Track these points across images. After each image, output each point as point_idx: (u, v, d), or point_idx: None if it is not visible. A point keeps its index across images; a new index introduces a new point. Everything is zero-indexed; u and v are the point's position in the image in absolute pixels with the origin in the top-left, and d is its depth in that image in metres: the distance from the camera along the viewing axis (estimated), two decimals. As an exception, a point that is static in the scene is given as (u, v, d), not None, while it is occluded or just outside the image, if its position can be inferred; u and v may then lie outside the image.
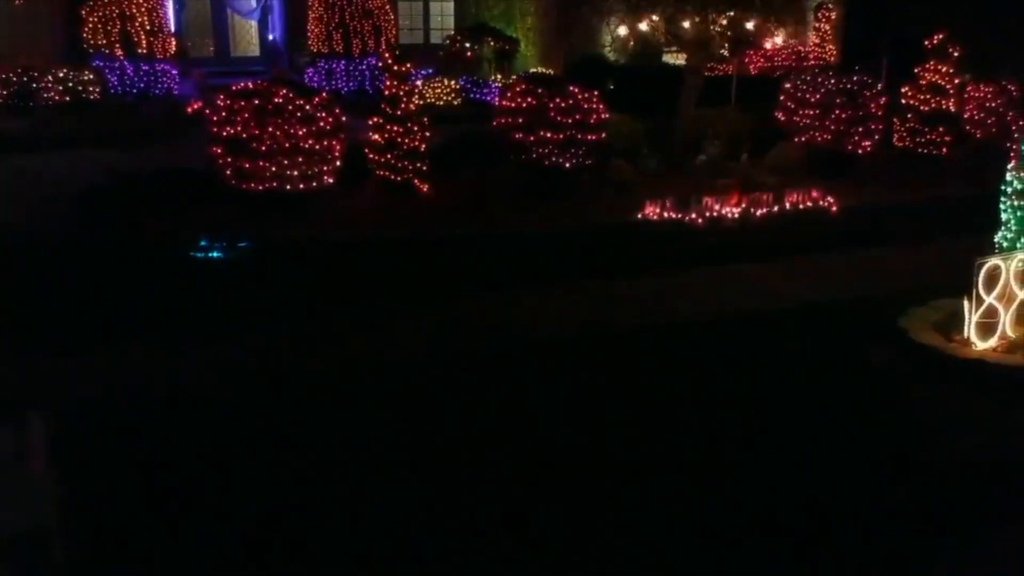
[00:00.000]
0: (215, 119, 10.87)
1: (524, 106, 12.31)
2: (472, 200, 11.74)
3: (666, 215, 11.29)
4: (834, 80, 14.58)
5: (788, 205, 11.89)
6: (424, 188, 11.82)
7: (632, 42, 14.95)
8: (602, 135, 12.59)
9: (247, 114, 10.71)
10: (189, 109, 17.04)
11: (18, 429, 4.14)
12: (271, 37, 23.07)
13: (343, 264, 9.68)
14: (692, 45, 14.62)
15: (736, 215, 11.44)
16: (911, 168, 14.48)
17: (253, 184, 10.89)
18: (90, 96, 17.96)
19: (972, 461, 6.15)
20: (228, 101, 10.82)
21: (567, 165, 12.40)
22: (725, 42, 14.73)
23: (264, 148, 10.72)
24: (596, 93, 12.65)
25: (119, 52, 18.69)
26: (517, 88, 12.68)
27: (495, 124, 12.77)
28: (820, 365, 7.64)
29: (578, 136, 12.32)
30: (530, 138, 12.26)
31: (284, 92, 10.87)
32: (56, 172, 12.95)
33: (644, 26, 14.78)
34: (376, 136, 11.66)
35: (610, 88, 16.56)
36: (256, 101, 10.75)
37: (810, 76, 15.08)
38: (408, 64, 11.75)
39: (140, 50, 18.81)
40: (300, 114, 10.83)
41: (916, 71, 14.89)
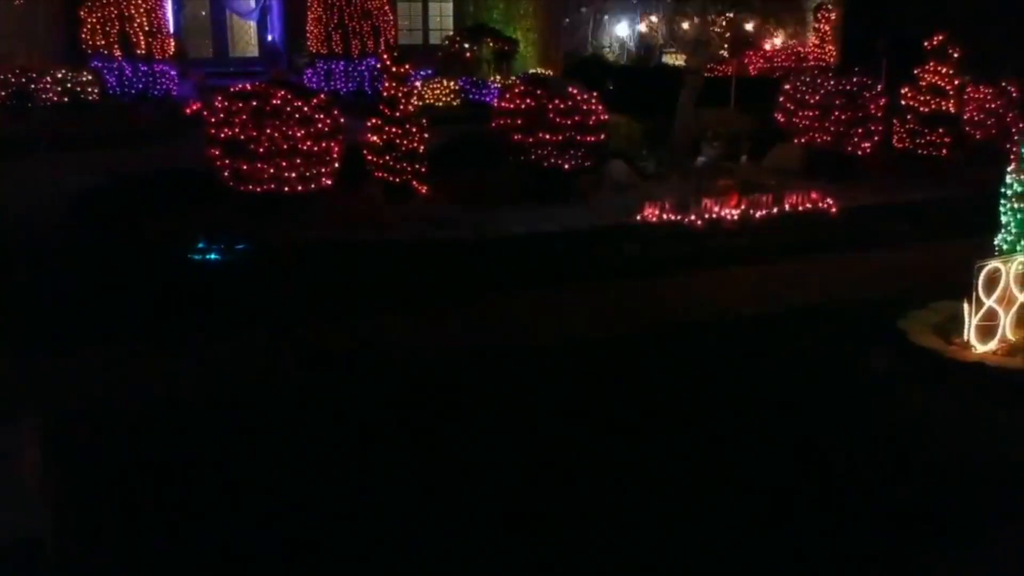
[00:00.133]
0: (213, 120, 10.85)
1: (523, 107, 12.29)
2: (471, 202, 11.70)
3: (665, 217, 11.26)
4: (834, 81, 14.56)
5: (787, 207, 11.86)
6: (423, 190, 11.79)
7: (631, 44, 14.93)
8: (601, 136, 12.57)
9: (245, 116, 10.68)
10: (188, 110, 17.04)
11: (10, 436, 4.11)
12: (270, 38, 23.04)
13: (341, 266, 9.65)
14: (691, 46, 14.59)
15: (735, 217, 11.41)
16: (911, 169, 14.46)
17: (251, 186, 10.87)
18: (88, 97, 17.95)
19: (972, 463, 6.13)
20: (226, 103, 10.80)
21: (566, 166, 12.37)
22: (724, 43, 14.70)
23: (262, 150, 10.70)
24: (595, 94, 12.62)
25: (118, 53, 18.63)
26: (516, 89, 12.65)
27: (494, 125, 12.75)
28: (819, 367, 7.61)
29: (577, 137, 12.29)
30: (529, 139, 12.24)
31: (282, 94, 10.84)
32: (54, 173, 12.91)
33: (643, 27, 14.74)
34: (374, 137, 11.63)
35: (609, 89, 16.55)
36: (254, 103, 10.72)
37: (809, 77, 15.06)
38: (407, 65, 11.72)
39: (139, 51, 18.75)
40: (298, 116, 10.80)
41: (916, 72, 14.86)
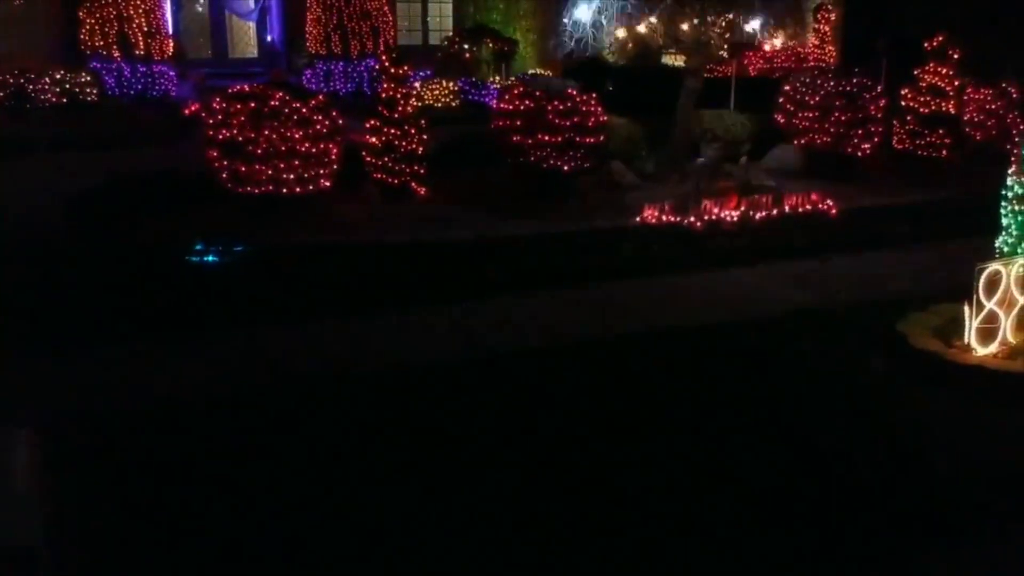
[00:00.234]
0: (211, 122, 10.81)
1: (522, 109, 12.26)
2: (470, 203, 11.68)
3: (664, 218, 11.23)
4: (833, 82, 14.52)
5: (787, 208, 11.84)
6: (421, 191, 11.77)
7: (631, 44, 14.87)
8: (600, 138, 12.54)
9: (243, 117, 10.65)
10: (187, 111, 16.97)
11: (2, 439, 4.08)
12: (269, 39, 23.00)
13: (339, 268, 9.61)
14: (691, 47, 14.55)
15: (735, 218, 11.38)
16: (911, 170, 14.43)
17: (249, 187, 10.84)
18: (87, 98, 17.91)
19: (972, 467, 6.10)
20: (224, 104, 10.76)
21: (565, 168, 12.35)
22: (724, 44, 14.66)
23: (260, 151, 10.67)
24: (594, 96, 12.59)
25: (116, 54, 18.59)
26: (515, 91, 12.62)
27: (493, 126, 12.72)
28: (819, 370, 7.58)
29: (576, 139, 12.26)
30: (528, 141, 12.21)
31: (280, 95, 10.81)
32: (52, 174, 12.87)
33: (643, 28, 14.71)
34: (373, 139, 11.60)
35: (609, 89, 16.50)
36: (252, 104, 10.69)
37: (809, 78, 15.02)
38: (406, 66, 11.69)
39: (138, 52, 18.71)
40: (296, 117, 10.77)
41: (916, 73, 14.83)
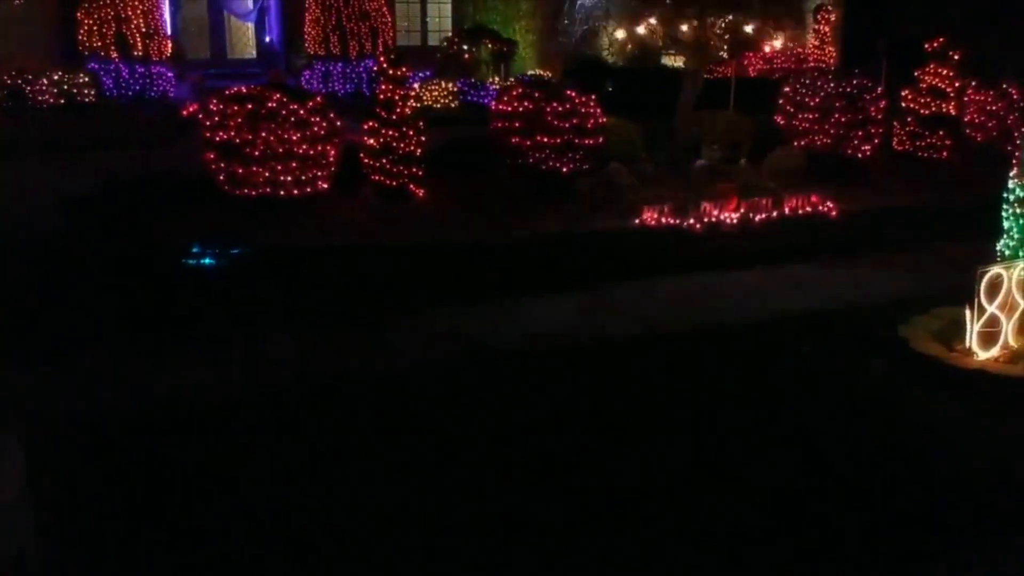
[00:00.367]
0: (208, 124, 10.76)
1: (521, 110, 12.21)
2: (468, 205, 11.61)
3: (664, 220, 11.17)
4: (834, 84, 14.47)
5: (787, 210, 11.77)
6: (420, 193, 11.70)
7: (630, 45, 14.83)
8: (600, 139, 12.49)
9: (240, 119, 10.60)
10: (185, 112, 16.90)
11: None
12: (268, 39, 22.96)
13: (337, 270, 9.56)
14: (691, 48, 14.49)
15: (735, 220, 11.32)
16: (911, 172, 14.35)
17: (247, 189, 10.79)
18: (85, 99, 17.88)
19: (973, 471, 6.07)
20: (221, 105, 10.71)
21: (564, 169, 12.29)
22: (724, 45, 14.60)
23: (257, 153, 10.62)
24: (593, 97, 12.54)
25: (114, 55, 18.55)
26: (514, 92, 12.57)
27: (492, 128, 12.67)
28: (819, 374, 7.55)
29: (575, 140, 12.21)
30: (527, 142, 12.16)
31: (277, 96, 10.76)
32: (49, 175, 12.84)
33: (642, 29, 14.65)
34: (371, 140, 11.53)
35: (608, 90, 16.45)
36: (249, 106, 10.63)
37: (809, 79, 14.96)
38: (404, 68, 11.62)
39: (136, 52, 18.67)
40: (294, 119, 10.71)
41: (916, 74, 14.77)
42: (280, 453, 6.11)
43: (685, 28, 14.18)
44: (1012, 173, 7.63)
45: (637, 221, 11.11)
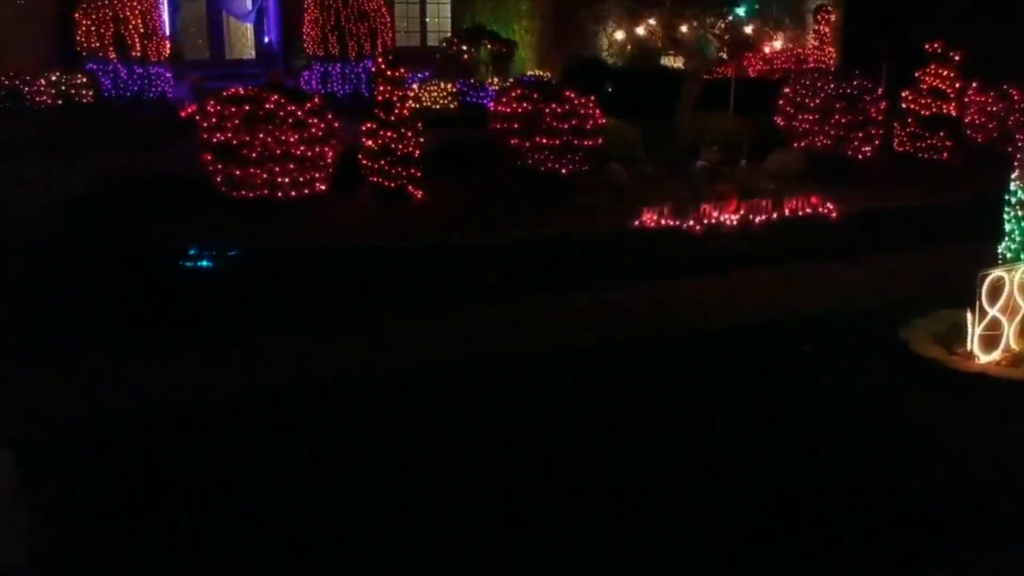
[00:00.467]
0: (205, 125, 10.72)
1: (520, 111, 12.17)
2: (467, 207, 11.57)
3: (663, 222, 11.13)
4: (834, 84, 14.43)
5: (787, 212, 11.74)
6: (418, 195, 11.66)
7: (630, 46, 14.80)
8: (599, 141, 12.45)
9: (237, 120, 10.55)
10: (183, 113, 16.87)
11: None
12: (266, 40, 22.91)
13: (334, 272, 9.52)
14: (690, 49, 14.45)
15: (735, 222, 11.28)
16: (912, 173, 14.31)
17: (244, 191, 10.76)
18: (83, 100, 17.82)
19: (973, 476, 6.03)
20: (218, 107, 10.66)
21: (563, 171, 12.26)
22: (724, 46, 14.56)
23: (255, 155, 10.58)
24: (593, 98, 12.50)
25: (113, 55, 18.48)
26: (513, 93, 12.53)
27: (491, 129, 12.63)
28: (819, 377, 7.50)
29: (575, 142, 12.17)
30: (526, 143, 12.12)
31: (275, 98, 10.71)
32: (46, 177, 12.79)
33: (641, 30, 14.61)
34: (369, 142, 11.49)
35: (608, 90, 16.40)
36: (247, 107, 10.59)
37: (809, 80, 14.93)
38: (402, 69, 11.58)
39: (134, 53, 18.59)
40: (291, 120, 10.67)
41: (916, 75, 14.72)
42: (279, 454, 6.07)
43: (684, 29, 14.13)
44: (1014, 175, 7.58)
45: (636, 222, 11.07)
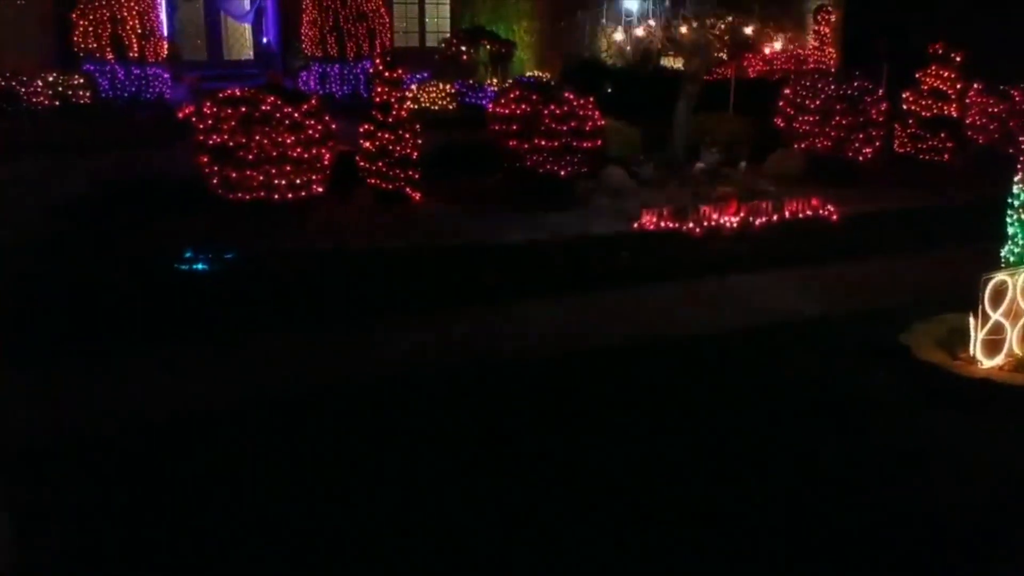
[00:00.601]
0: (201, 127, 10.65)
1: (518, 113, 12.11)
2: (465, 208, 11.50)
3: (663, 224, 11.07)
4: (834, 86, 14.37)
5: (788, 214, 11.68)
6: (416, 196, 11.60)
7: (629, 47, 14.74)
8: (598, 142, 12.39)
9: (233, 122, 10.49)
10: (180, 114, 16.80)
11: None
12: (265, 40, 22.83)
13: (331, 275, 9.45)
14: (690, 50, 14.38)
15: (734, 224, 11.21)
16: (912, 175, 14.25)
17: (240, 193, 10.69)
18: (80, 101, 17.74)
19: (977, 482, 5.95)
20: (214, 108, 10.60)
21: (562, 173, 12.20)
22: (723, 47, 14.49)
23: (251, 157, 10.52)
24: (592, 100, 12.44)
25: (110, 56, 18.41)
26: (511, 94, 12.46)
27: (489, 130, 12.57)
28: (819, 381, 7.42)
29: (574, 143, 12.12)
30: (524, 145, 12.07)
31: (271, 99, 10.66)
32: (42, 179, 12.72)
33: (641, 31, 14.54)
34: (367, 143, 11.42)
35: (607, 91, 16.34)
36: (243, 108, 10.53)
37: (810, 82, 14.86)
38: (400, 70, 11.51)
39: (131, 54, 18.50)
40: (288, 122, 10.62)
41: (917, 76, 14.66)
42: (275, 460, 6.00)
43: (684, 30, 14.07)
44: (1017, 178, 7.50)
45: (636, 225, 11.00)
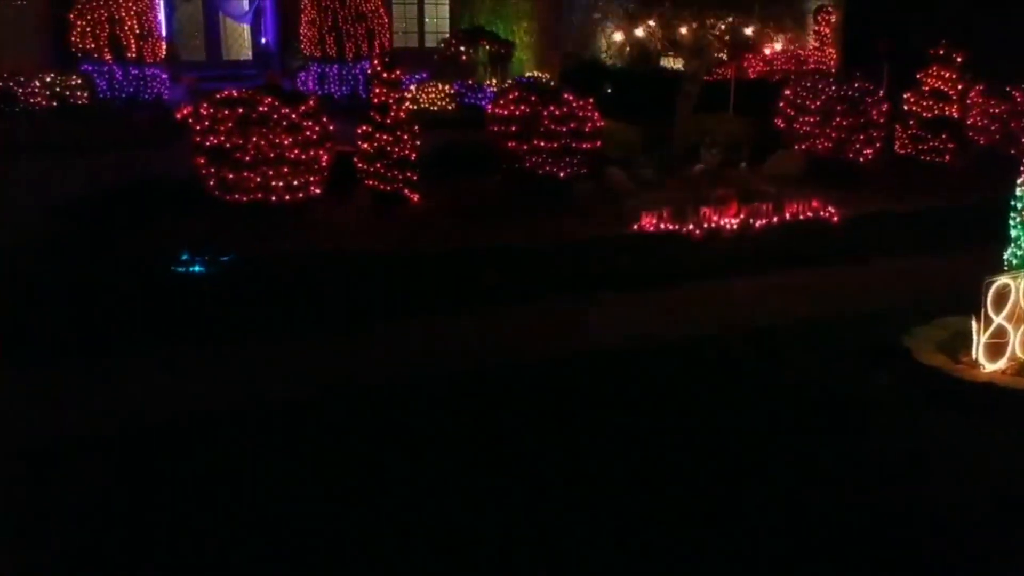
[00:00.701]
0: (198, 128, 10.59)
1: (517, 114, 12.04)
2: (463, 211, 11.43)
3: (663, 226, 11.01)
4: (835, 87, 14.31)
5: (788, 215, 11.61)
6: (414, 198, 11.52)
7: (628, 47, 14.69)
8: (597, 144, 12.34)
9: (230, 123, 10.43)
10: (178, 115, 16.73)
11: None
12: (263, 41, 22.78)
13: (328, 278, 9.38)
14: (689, 51, 14.32)
15: (735, 226, 11.15)
16: (913, 176, 14.18)
17: (237, 195, 10.63)
18: (78, 101, 17.70)
19: (979, 488, 5.88)
20: (211, 109, 10.53)
21: (561, 174, 12.14)
22: (723, 47, 14.43)
23: (248, 158, 10.45)
24: (591, 100, 12.38)
25: (108, 56, 18.37)
26: (510, 95, 12.40)
27: (488, 132, 12.51)
28: (820, 385, 7.35)
29: (573, 144, 12.07)
30: (523, 147, 12.01)
31: (269, 100, 10.59)
32: (39, 180, 12.66)
33: (640, 32, 14.48)
34: (365, 145, 11.35)
35: (607, 92, 16.28)
36: (240, 110, 10.46)
37: (810, 82, 14.80)
38: (398, 71, 11.44)
39: (129, 54, 18.49)
40: (285, 123, 10.55)
41: (918, 76, 14.60)
42: (275, 460, 5.96)
43: (684, 30, 14.00)
44: (1020, 180, 7.42)
45: (635, 227, 10.94)
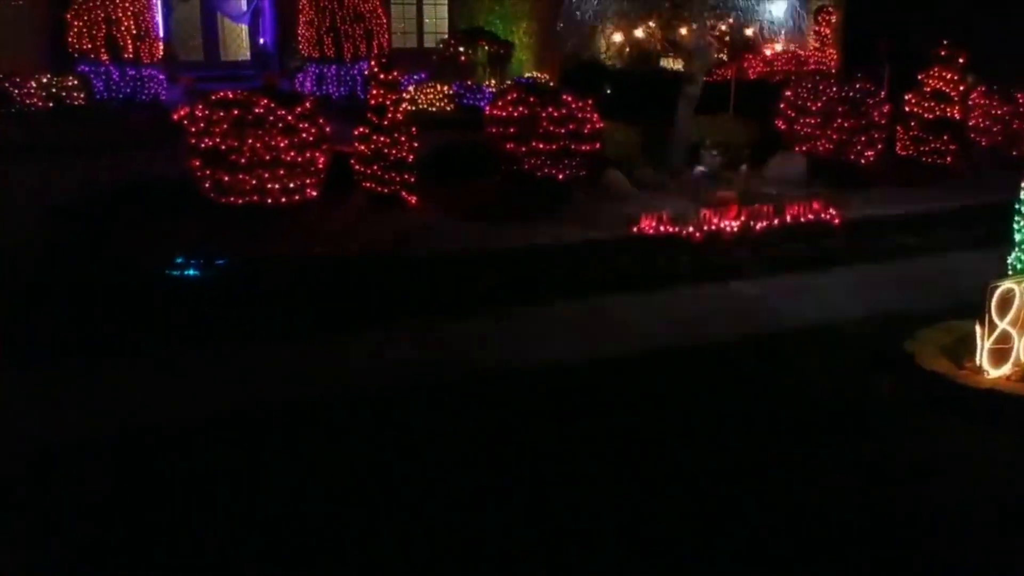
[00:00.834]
0: (193, 130, 10.49)
1: (516, 115, 11.95)
2: (461, 212, 11.33)
3: (662, 228, 10.90)
4: (836, 88, 14.21)
5: (789, 218, 11.51)
6: (412, 200, 11.42)
7: (628, 48, 14.59)
8: (596, 145, 12.24)
9: (226, 125, 10.33)
10: (176, 116, 16.62)
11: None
12: (261, 41, 22.67)
13: (324, 282, 9.28)
14: (689, 52, 14.21)
15: (735, 229, 11.05)
16: (915, 177, 14.07)
17: (233, 197, 10.53)
18: (74, 102, 17.59)
19: (981, 495, 5.81)
20: (206, 111, 10.43)
21: (560, 176, 12.05)
22: (723, 48, 14.33)
23: (244, 160, 10.35)
24: (590, 102, 12.29)
25: (105, 57, 18.25)
26: (509, 97, 12.30)
27: (486, 133, 12.42)
28: (822, 391, 7.27)
29: (572, 146, 11.97)
30: (522, 148, 11.91)
31: (264, 102, 10.49)
32: (34, 182, 12.56)
33: (640, 33, 14.39)
34: (362, 147, 11.25)
35: (607, 92, 16.17)
36: (236, 111, 10.37)
37: (811, 84, 14.71)
38: (395, 72, 11.34)
39: (127, 55, 18.35)
40: (281, 125, 10.45)
41: (920, 77, 14.50)
42: (273, 462, 5.93)
43: (684, 31, 13.91)
44: (1024, 183, 7.35)
45: (635, 229, 10.83)
